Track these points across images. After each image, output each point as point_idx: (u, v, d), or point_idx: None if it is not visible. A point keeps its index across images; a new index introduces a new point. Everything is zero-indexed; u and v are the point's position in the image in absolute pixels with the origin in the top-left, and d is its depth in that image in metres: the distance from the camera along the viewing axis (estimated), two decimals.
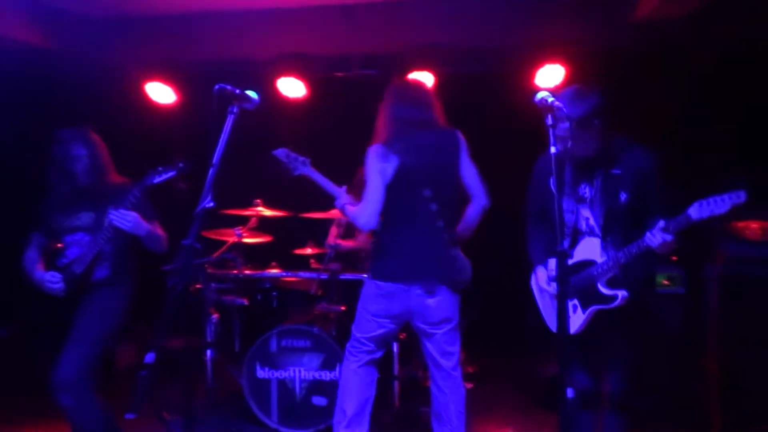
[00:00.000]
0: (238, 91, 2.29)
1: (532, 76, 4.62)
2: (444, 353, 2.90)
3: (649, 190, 2.50)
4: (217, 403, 4.00)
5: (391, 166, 2.78)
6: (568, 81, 4.45)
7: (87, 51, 4.77)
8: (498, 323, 4.93)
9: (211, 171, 2.18)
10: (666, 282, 3.93)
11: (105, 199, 3.04)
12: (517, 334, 4.60)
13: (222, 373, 4.25)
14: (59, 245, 3.15)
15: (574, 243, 2.62)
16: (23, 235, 3.22)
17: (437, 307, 2.85)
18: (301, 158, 3.07)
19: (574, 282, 2.58)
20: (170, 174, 2.90)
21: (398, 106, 2.90)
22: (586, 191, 2.59)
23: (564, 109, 2.17)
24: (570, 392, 1.95)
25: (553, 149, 2.14)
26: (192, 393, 4.17)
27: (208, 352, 4.09)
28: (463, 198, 2.96)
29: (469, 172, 2.93)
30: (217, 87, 2.23)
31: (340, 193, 3.01)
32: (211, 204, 2.13)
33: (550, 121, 2.16)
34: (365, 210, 2.78)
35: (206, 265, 4.10)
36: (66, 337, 3.01)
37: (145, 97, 5.18)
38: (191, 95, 5.18)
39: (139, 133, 5.29)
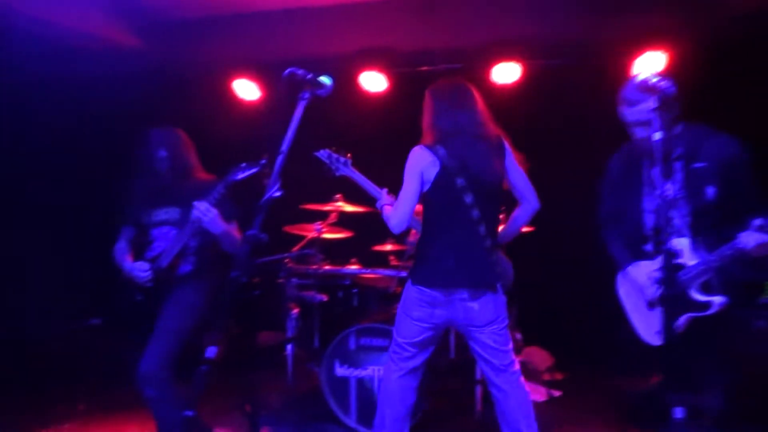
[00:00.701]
0: (309, 75, 2.21)
1: (628, 67, 4.31)
2: (492, 351, 2.80)
3: (739, 182, 2.28)
4: (297, 398, 4.00)
5: (433, 170, 2.70)
6: (668, 70, 4.11)
7: (175, 51, 4.92)
8: (589, 333, 4.65)
9: (279, 159, 2.11)
10: None
11: (190, 195, 3.06)
12: (606, 346, 4.34)
13: (302, 369, 4.27)
14: (147, 238, 3.22)
15: (659, 246, 2.43)
16: (115, 230, 3.33)
17: (480, 312, 2.76)
18: (342, 159, 3.06)
19: (665, 287, 2.32)
20: (253, 170, 2.89)
21: (443, 108, 2.80)
22: (668, 188, 2.41)
23: (674, 90, 1.96)
24: (679, 412, 1.73)
25: (657, 135, 1.94)
26: (273, 387, 4.23)
27: (289, 347, 4.10)
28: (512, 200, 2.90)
29: (517, 177, 2.85)
30: (287, 71, 2.16)
31: (381, 194, 2.96)
32: (279, 193, 2.07)
33: (655, 103, 1.96)
34: (397, 212, 2.71)
35: (287, 260, 4.12)
36: (151, 331, 3.07)
37: (232, 95, 5.28)
38: (275, 91, 5.23)
39: (226, 129, 5.42)
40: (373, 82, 4.90)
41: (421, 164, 2.71)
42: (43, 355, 4.88)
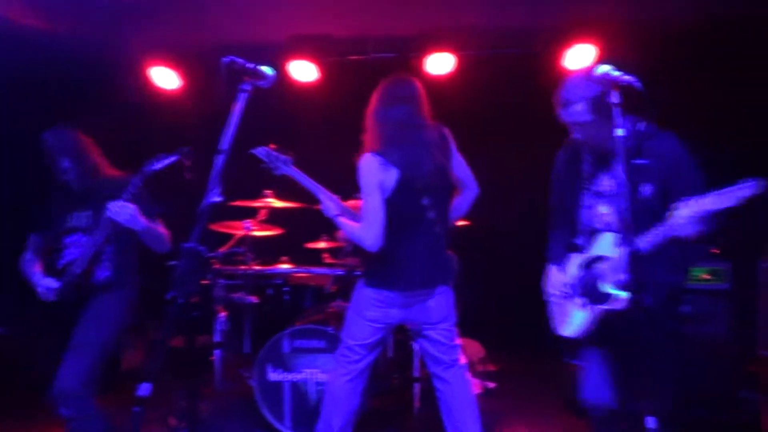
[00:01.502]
0: (250, 65, 2.02)
1: (559, 58, 4.34)
2: (443, 347, 2.85)
3: (679, 181, 2.26)
4: (227, 407, 3.80)
5: (390, 178, 2.63)
6: (599, 62, 4.15)
7: (89, 34, 4.53)
8: (524, 322, 4.69)
9: (219, 159, 1.91)
10: (707, 276, 3.66)
11: (102, 197, 2.85)
12: (537, 337, 4.39)
13: (231, 375, 4.05)
14: (58, 246, 2.97)
15: (592, 241, 2.44)
16: (24, 232, 3.05)
17: (436, 310, 2.81)
18: (283, 157, 2.88)
19: (582, 279, 2.41)
20: (172, 159, 2.71)
21: (388, 107, 2.71)
22: (605, 185, 2.41)
23: (637, 84, 1.91)
24: (652, 422, 1.71)
25: (620, 131, 1.89)
26: (199, 397, 3.99)
27: (217, 352, 3.88)
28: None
29: (460, 166, 2.84)
30: (226, 59, 1.96)
31: (333, 200, 2.82)
32: (220, 198, 1.87)
33: (616, 98, 1.90)
34: (370, 232, 2.63)
35: (214, 261, 3.89)
36: (66, 344, 2.83)
37: (148, 83, 4.94)
38: (197, 80, 4.94)
39: (142, 120, 5.10)
40: (304, 71, 4.71)
41: (377, 175, 2.62)
42: None
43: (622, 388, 2.43)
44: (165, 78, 4.90)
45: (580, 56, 4.22)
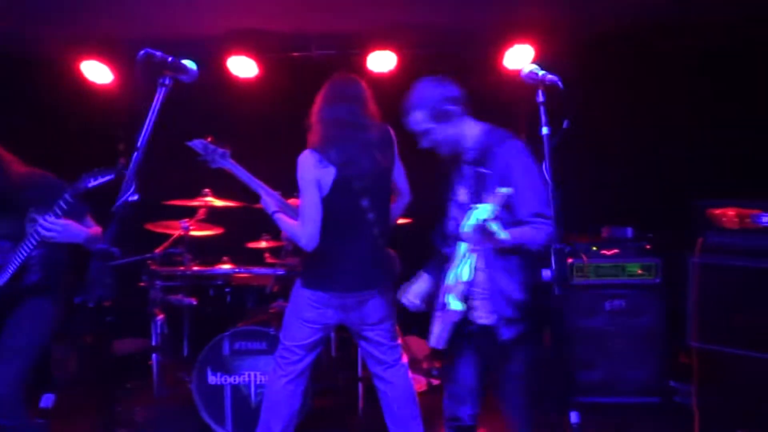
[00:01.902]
0: (170, 59, 1.91)
1: (499, 58, 4.40)
2: (383, 348, 2.86)
3: (516, 191, 2.16)
4: (166, 412, 3.69)
5: (328, 176, 2.60)
6: (538, 62, 4.23)
7: (13, 28, 4.28)
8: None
9: (135, 156, 1.82)
10: (640, 271, 3.81)
11: (21, 201, 2.71)
12: None
13: (170, 379, 3.94)
14: None
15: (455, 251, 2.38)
16: None
17: (374, 310, 2.80)
18: (220, 150, 2.80)
19: (439, 288, 2.37)
20: (108, 177, 2.56)
21: (331, 105, 2.69)
22: (461, 194, 2.40)
23: (559, 83, 1.93)
24: (575, 416, 1.74)
25: (545, 130, 1.91)
26: (139, 403, 3.86)
27: (154, 356, 3.76)
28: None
29: (399, 170, 2.85)
30: (142, 53, 1.86)
31: (272, 196, 2.78)
32: (135, 197, 1.79)
33: (541, 97, 1.93)
34: (306, 230, 2.61)
35: (149, 262, 3.76)
36: None
37: (80, 78, 4.73)
38: (131, 75, 4.75)
39: (76, 116, 4.88)
40: (243, 67, 4.60)
41: (314, 172, 2.59)
42: None
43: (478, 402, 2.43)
44: (97, 72, 4.70)
45: (519, 56, 4.29)
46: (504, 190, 1.93)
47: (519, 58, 4.29)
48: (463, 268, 2.21)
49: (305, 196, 2.60)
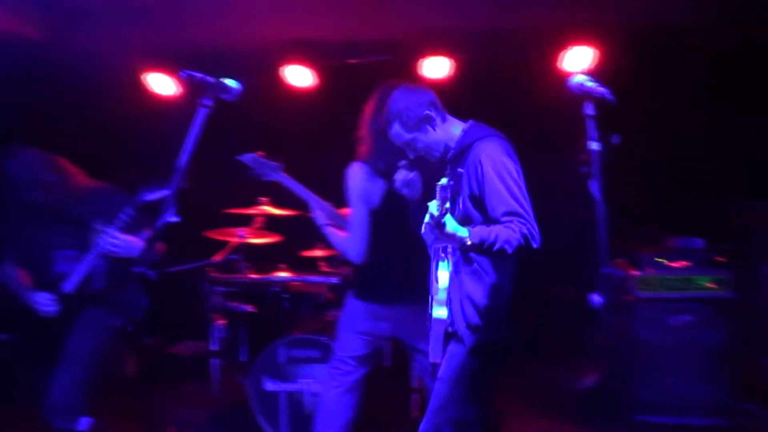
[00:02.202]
0: (211, 79, 1.94)
1: (555, 60, 4.27)
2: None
3: (482, 193, 2.11)
4: (224, 416, 3.77)
5: (376, 189, 2.56)
6: (599, 65, 4.09)
7: (82, 41, 4.49)
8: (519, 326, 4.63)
9: (175, 177, 1.84)
10: (711, 285, 3.60)
11: (85, 213, 2.85)
12: (536, 339, 4.32)
13: (229, 381, 4.02)
14: (46, 262, 2.94)
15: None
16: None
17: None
18: (272, 164, 2.86)
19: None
20: (166, 191, 2.62)
21: (379, 116, 2.62)
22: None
23: (609, 96, 1.84)
24: None
25: (594, 145, 1.82)
26: (197, 405, 3.97)
27: (213, 360, 3.85)
28: None
29: None
30: (182, 74, 1.89)
31: (323, 208, 2.78)
32: (175, 219, 1.81)
33: (589, 110, 1.84)
34: (354, 243, 2.62)
35: (209, 269, 3.86)
36: (58, 356, 2.82)
37: (144, 89, 4.90)
38: (193, 86, 4.88)
39: (142, 127, 5.05)
40: (299, 75, 4.65)
41: (363, 185, 2.61)
42: None
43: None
44: (161, 84, 4.85)
45: (578, 58, 4.15)
46: (442, 181, 1.84)
47: (578, 60, 4.15)
48: (441, 273, 2.17)
49: (354, 209, 2.60)
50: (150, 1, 4.04)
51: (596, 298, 1.82)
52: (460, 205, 2.16)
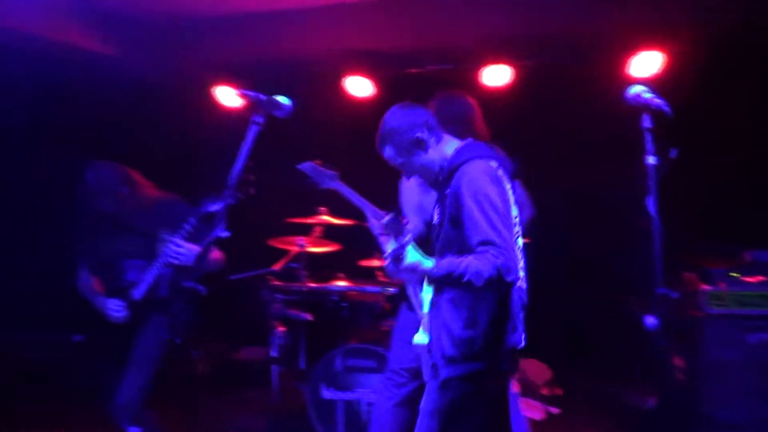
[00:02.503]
0: (263, 97, 1.99)
1: (623, 67, 4.12)
2: None
3: (461, 217, 2.00)
4: (283, 420, 3.84)
5: (431, 200, 2.52)
6: (667, 70, 3.92)
7: (152, 56, 4.72)
8: (589, 345, 4.48)
9: (226, 194, 1.89)
10: None
11: (154, 223, 2.97)
12: (608, 360, 4.16)
13: (288, 387, 4.10)
14: (115, 270, 3.08)
15: None
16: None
17: None
18: (328, 172, 2.88)
19: None
20: (229, 201, 2.71)
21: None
22: (435, 216, 2.24)
23: (667, 109, 1.75)
24: None
25: (651, 159, 1.74)
26: (257, 411, 4.07)
27: (273, 367, 3.93)
28: None
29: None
30: (238, 92, 1.96)
31: (379, 217, 2.77)
32: (225, 233, 1.86)
33: (647, 123, 1.75)
34: None
35: (270, 277, 3.96)
36: (126, 358, 2.96)
37: (213, 102, 5.08)
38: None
39: (211, 138, 5.23)
40: (359, 86, 4.71)
41: (416, 197, 2.60)
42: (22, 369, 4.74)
43: None
44: (228, 97, 5.02)
45: (646, 63, 3.99)
46: (388, 217, 1.79)
47: (646, 65, 3.99)
48: (425, 296, 2.13)
49: (409, 221, 2.58)
50: (217, 19, 4.22)
51: (650, 320, 1.72)
52: (443, 230, 2.09)
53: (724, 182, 4.29)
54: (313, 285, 4.00)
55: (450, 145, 2.20)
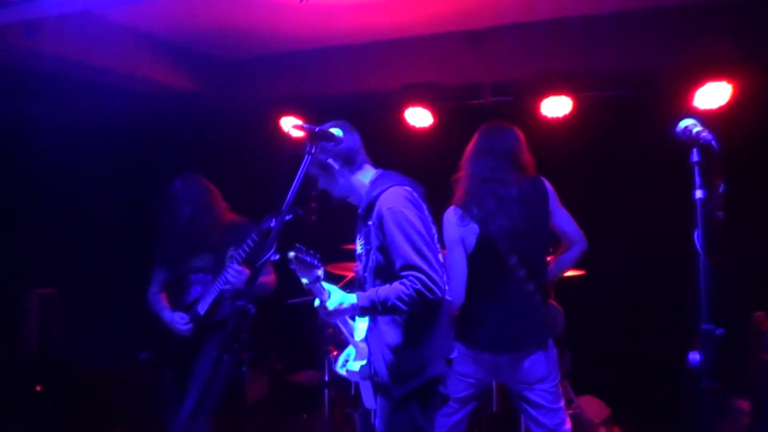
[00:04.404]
0: (317, 129, 2.11)
1: (690, 98, 4.00)
2: (543, 411, 2.69)
3: (386, 243, 2.06)
4: None
5: (471, 233, 2.57)
6: (734, 101, 3.79)
7: (227, 92, 5.02)
8: (649, 382, 4.28)
9: (278, 220, 2.01)
10: None
11: (223, 241, 3.10)
12: (666, 398, 3.95)
13: (340, 414, 4.14)
14: (184, 285, 3.22)
15: None
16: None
17: (531, 370, 2.66)
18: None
19: None
20: (287, 218, 2.77)
21: (475, 159, 2.69)
22: (359, 245, 2.29)
23: (714, 143, 1.73)
24: None
25: (699, 193, 1.71)
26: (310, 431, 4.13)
27: (326, 391, 4.00)
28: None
29: (563, 220, 2.71)
30: (294, 126, 2.10)
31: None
32: (276, 257, 1.96)
33: (695, 157, 1.73)
34: (452, 288, 2.56)
35: None
36: (186, 375, 3.09)
37: (281, 132, 5.29)
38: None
39: (273, 167, 5.46)
40: (419, 117, 4.80)
41: (458, 230, 2.62)
42: (93, 387, 5.01)
43: None
44: (294, 129, 5.21)
45: (713, 95, 3.87)
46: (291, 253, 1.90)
47: (713, 96, 3.87)
48: (359, 325, 2.21)
49: (450, 254, 2.61)
50: (287, 54, 4.46)
51: (694, 357, 1.67)
52: (372, 258, 2.14)
53: None
54: None
55: (366, 176, 2.27)
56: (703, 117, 2.08)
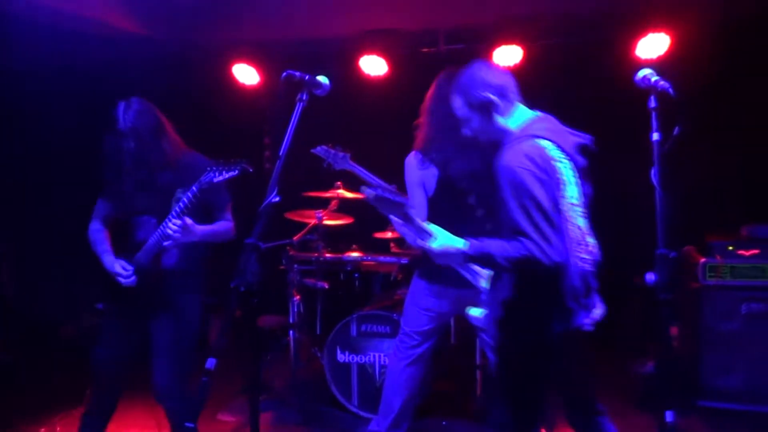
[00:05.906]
0: (307, 77, 2.18)
1: (632, 47, 4.22)
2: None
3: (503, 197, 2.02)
4: (301, 383, 4.05)
5: (431, 176, 2.68)
6: (672, 52, 4.03)
7: (176, 36, 4.87)
8: None
9: (277, 164, 2.08)
10: None
11: (171, 182, 2.69)
12: (608, 328, 4.29)
13: (305, 354, 4.31)
14: (128, 227, 2.83)
15: None
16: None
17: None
18: (341, 154, 3.07)
19: None
20: (232, 174, 2.53)
21: (437, 104, 2.72)
22: None
23: (671, 91, 1.91)
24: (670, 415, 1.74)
25: (656, 136, 1.90)
26: (276, 374, 4.29)
27: (291, 333, 4.14)
28: None
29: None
30: (284, 74, 2.15)
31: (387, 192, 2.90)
32: (277, 199, 2.05)
33: (653, 103, 1.91)
34: None
35: (288, 248, 4.14)
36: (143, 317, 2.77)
37: (232, 79, 5.21)
38: (273, 76, 5.18)
39: (228, 114, 5.38)
40: (374, 65, 4.84)
41: (418, 173, 2.71)
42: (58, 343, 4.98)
43: None
44: (246, 74, 5.16)
45: (653, 45, 4.10)
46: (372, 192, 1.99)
47: (653, 47, 4.10)
48: (484, 273, 2.30)
49: (412, 197, 2.71)
50: (240, 0, 4.35)
51: (650, 277, 1.90)
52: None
53: (727, 160, 4.42)
54: (329, 256, 4.19)
55: (516, 118, 2.14)
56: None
